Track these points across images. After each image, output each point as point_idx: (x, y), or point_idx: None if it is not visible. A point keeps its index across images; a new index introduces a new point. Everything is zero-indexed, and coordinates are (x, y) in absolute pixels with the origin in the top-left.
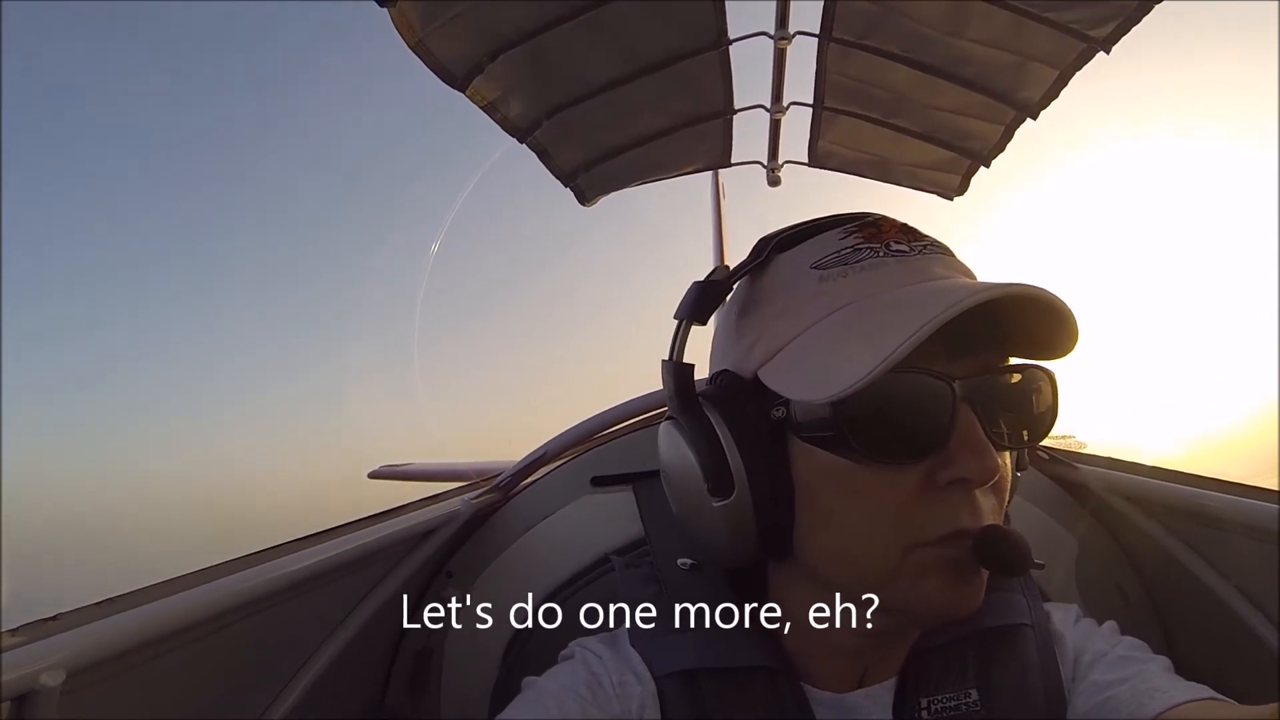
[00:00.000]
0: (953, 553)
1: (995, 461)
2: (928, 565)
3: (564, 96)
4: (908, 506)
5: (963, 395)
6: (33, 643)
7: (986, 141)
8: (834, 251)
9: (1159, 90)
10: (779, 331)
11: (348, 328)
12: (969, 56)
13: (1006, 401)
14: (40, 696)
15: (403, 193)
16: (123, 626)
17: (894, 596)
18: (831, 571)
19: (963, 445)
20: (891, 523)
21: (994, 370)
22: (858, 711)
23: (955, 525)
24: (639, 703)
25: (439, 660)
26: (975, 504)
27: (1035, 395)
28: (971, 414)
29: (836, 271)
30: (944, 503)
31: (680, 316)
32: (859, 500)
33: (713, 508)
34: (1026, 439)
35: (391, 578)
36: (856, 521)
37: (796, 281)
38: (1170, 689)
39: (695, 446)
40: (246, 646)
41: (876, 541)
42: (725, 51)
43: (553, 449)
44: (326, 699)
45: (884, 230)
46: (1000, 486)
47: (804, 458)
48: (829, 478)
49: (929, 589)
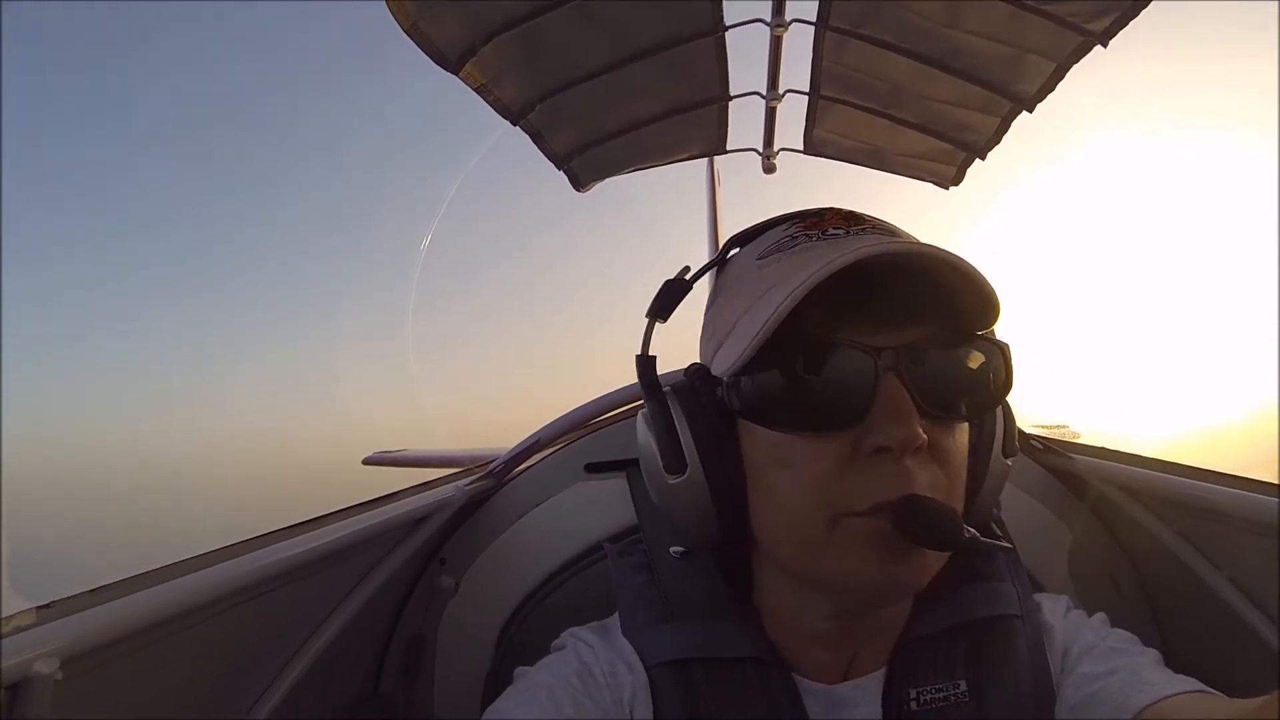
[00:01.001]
0: (878, 524)
1: (915, 429)
2: (855, 537)
3: (558, 80)
4: (834, 476)
5: (888, 365)
6: (26, 630)
7: (982, 133)
8: (775, 242)
9: (1157, 83)
10: (725, 320)
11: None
12: (966, 48)
13: (945, 372)
14: (35, 684)
15: (392, 179)
16: (117, 614)
17: (826, 571)
18: (776, 549)
19: (884, 413)
20: (818, 493)
21: (930, 342)
22: (847, 703)
23: (879, 496)
24: (630, 693)
25: (432, 647)
26: (905, 474)
27: (976, 366)
28: (898, 383)
29: (772, 259)
30: (870, 471)
31: (648, 314)
32: (790, 472)
33: (670, 485)
34: (973, 411)
35: (385, 564)
36: (789, 494)
37: (743, 274)
38: (1159, 682)
39: (655, 430)
40: (240, 633)
41: (805, 513)
42: (721, 38)
43: (546, 435)
44: (320, 685)
45: (825, 219)
46: (948, 460)
47: (748, 436)
48: (766, 452)
49: (856, 562)
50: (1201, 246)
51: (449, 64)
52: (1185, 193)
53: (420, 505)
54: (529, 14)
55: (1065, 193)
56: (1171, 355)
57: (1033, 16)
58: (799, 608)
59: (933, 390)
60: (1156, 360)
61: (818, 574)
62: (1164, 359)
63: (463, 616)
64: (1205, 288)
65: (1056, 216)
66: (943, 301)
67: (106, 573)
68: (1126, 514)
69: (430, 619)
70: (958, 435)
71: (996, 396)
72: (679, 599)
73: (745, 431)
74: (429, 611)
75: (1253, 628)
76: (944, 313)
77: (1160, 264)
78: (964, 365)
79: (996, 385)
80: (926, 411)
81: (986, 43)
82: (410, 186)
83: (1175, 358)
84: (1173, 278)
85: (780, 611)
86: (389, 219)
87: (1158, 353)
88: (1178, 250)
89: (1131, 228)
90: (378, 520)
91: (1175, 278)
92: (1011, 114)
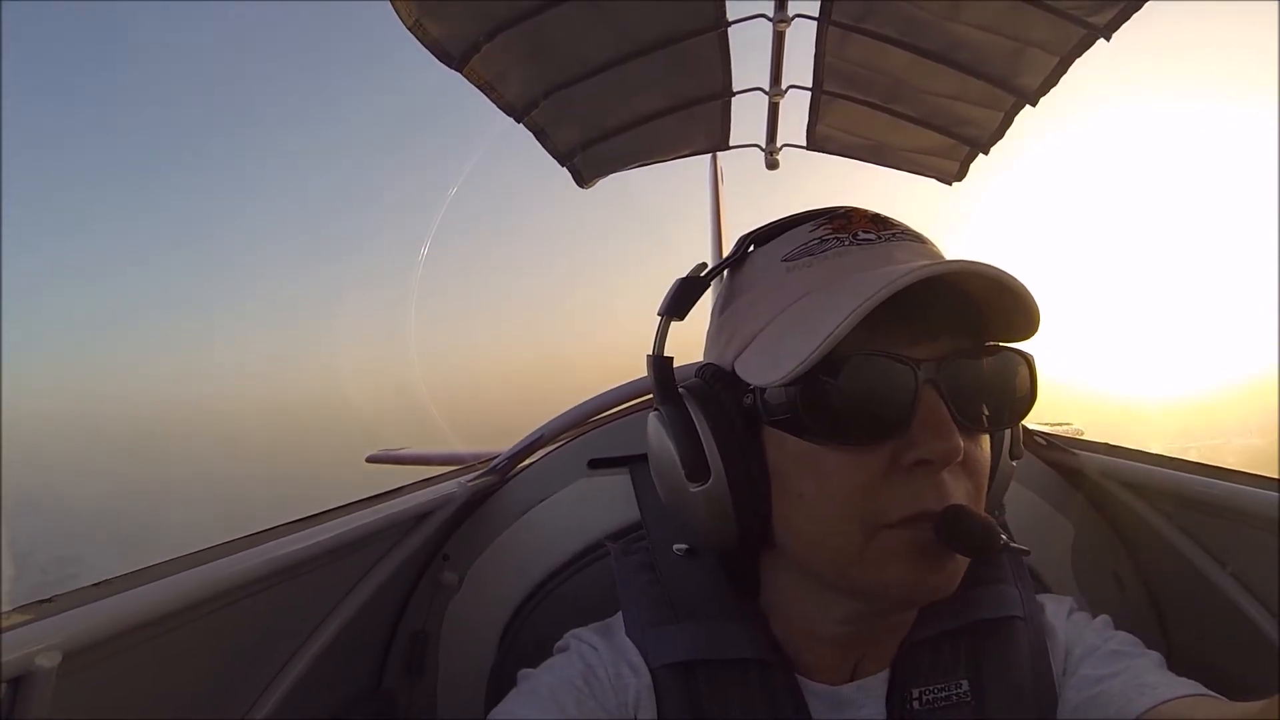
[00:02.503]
0: (917, 535)
1: (957, 443)
2: (892, 548)
3: (561, 76)
4: (871, 488)
5: (926, 377)
6: (29, 624)
7: (985, 128)
8: (802, 244)
9: (1156, 44)
10: (750, 323)
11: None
12: (968, 42)
13: (977, 384)
14: (36, 679)
15: (393, 179)
16: (119, 608)
17: (861, 580)
18: (805, 556)
19: (924, 427)
20: (855, 504)
21: (962, 353)
22: (851, 704)
23: (919, 506)
24: (635, 695)
25: (435, 643)
26: (942, 486)
27: (1008, 378)
28: (936, 396)
29: (802, 262)
30: (908, 485)
31: (661, 312)
32: (825, 483)
33: (691, 493)
34: (1000, 422)
35: (388, 560)
36: (823, 504)
37: (767, 274)
38: (1160, 685)
39: (674, 435)
40: (242, 629)
41: (842, 524)
42: (724, 33)
43: (550, 431)
44: (323, 681)
45: (854, 221)
46: (976, 470)
47: (775, 444)
48: (798, 462)
49: (895, 572)
50: (1203, 213)
51: (452, 61)
52: (1187, 156)
53: (424, 501)
54: (532, 10)
55: (1068, 154)
56: (1174, 321)
57: (1035, 10)
58: (813, 610)
59: (967, 402)
60: (1157, 326)
61: (852, 582)
62: (1165, 325)
63: (466, 612)
64: (1208, 254)
65: (1060, 177)
66: (974, 312)
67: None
68: (1129, 510)
69: (433, 615)
70: (984, 445)
71: (1024, 408)
72: (682, 599)
73: (771, 438)
74: (432, 607)
75: (1256, 624)
76: (975, 323)
77: (1159, 231)
78: (995, 377)
79: (1024, 396)
80: (961, 424)
81: (989, 36)
82: (411, 186)
83: (1177, 324)
84: (1174, 243)
85: (790, 613)
86: (391, 219)
87: (1159, 318)
88: (1177, 216)
89: (1135, 189)
90: (381, 516)
91: (1176, 243)
92: (1015, 108)
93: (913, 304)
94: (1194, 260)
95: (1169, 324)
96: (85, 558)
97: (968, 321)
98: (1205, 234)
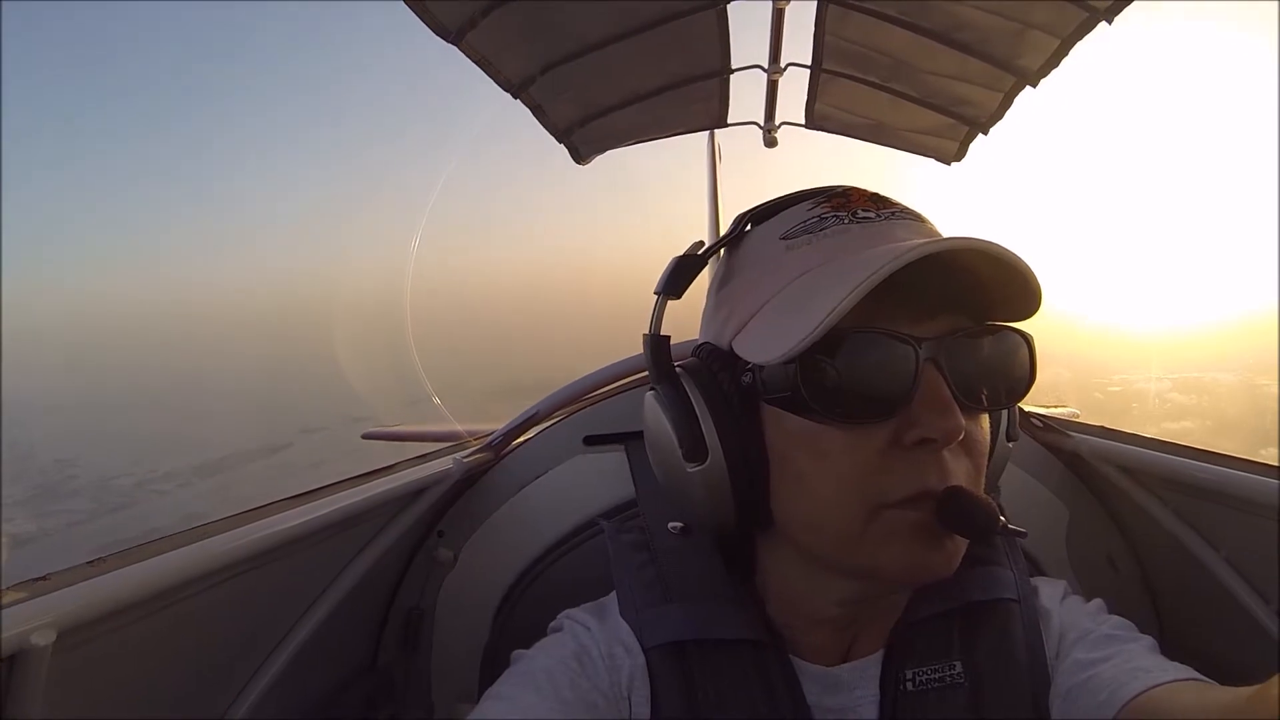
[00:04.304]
0: (918, 515)
1: (959, 421)
2: (893, 528)
3: (558, 52)
4: (872, 467)
5: (928, 356)
6: (23, 603)
7: (985, 109)
8: (801, 222)
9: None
10: (749, 301)
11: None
12: (969, 21)
13: (977, 363)
14: (31, 656)
15: (388, 154)
16: (113, 586)
17: (861, 560)
18: (804, 537)
19: (926, 405)
20: (856, 484)
21: (963, 332)
22: (844, 684)
23: (920, 486)
24: (628, 675)
25: (430, 619)
26: (943, 466)
27: (1007, 357)
28: (937, 374)
29: (802, 240)
30: (909, 463)
31: (657, 291)
32: (825, 462)
33: (688, 474)
34: (999, 402)
35: (383, 537)
36: (823, 484)
37: (765, 253)
38: (1152, 669)
39: (671, 414)
40: (237, 606)
41: (842, 504)
42: (723, 10)
43: (545, 407)
44: (318, 658)
45: (852, 199)
46: (975, 450)
47: (774, 423)
48: (797, 441)
49: (896, 552)
50: (1205, 147)
51: (449, 34)
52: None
53: (419, 477)
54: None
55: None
56: (1170, 253)
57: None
58: (809, 591)
59: (968, 381)
60: (1154, 256)
61: (852, 563)
62: (1162, 256)
63: (461, 589)
64: (1209, 187)
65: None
66: (974, 290)
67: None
68: (1125, 493)
69: (428, 591)
70: (983, 424)
71: (1023, 387)
72: (677, 580)
73: (770, 417)
74: (427, 584)
75: (1248, 608)
76: (975, 301)
77: (1161, 162)
78: (995, 356)
79: (1023, 375)
80: (961, 402)
81: (990, 17)
82: (407, 160)
83: (1174, 255)
84: (1175, 174)
85: (785, 594)
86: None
87: (1156, 249)
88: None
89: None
90: (376, 492)
91: (1177, 174)
92: (1015, 89)
93: (913, 282)
94: (1195, 193)
95: (1167, 258)
96: (82, 458)
97: (968, 300)
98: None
